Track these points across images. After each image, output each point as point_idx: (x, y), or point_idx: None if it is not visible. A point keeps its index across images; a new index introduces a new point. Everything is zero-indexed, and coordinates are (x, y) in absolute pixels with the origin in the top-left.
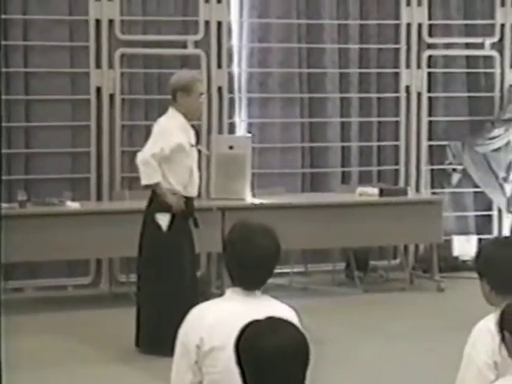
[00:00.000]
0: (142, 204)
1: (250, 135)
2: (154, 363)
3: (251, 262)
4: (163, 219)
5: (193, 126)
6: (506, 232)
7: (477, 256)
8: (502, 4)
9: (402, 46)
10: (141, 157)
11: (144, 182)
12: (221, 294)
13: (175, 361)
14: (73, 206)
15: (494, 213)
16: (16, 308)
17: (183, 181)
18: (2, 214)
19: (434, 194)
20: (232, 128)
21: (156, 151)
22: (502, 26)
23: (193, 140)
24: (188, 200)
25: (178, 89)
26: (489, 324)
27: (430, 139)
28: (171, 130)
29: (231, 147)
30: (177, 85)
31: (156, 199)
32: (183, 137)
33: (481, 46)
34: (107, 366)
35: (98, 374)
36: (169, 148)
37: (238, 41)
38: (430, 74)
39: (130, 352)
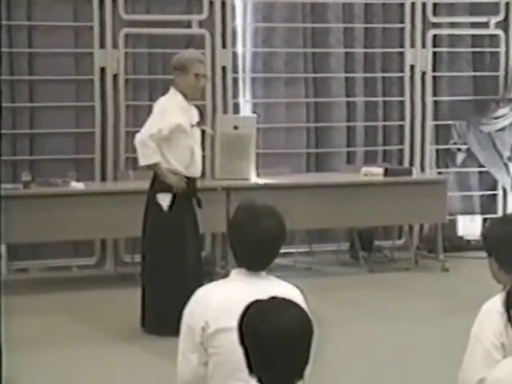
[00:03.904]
0: (147, 184)
1: (254, 115)
2: (158, 343)
3: (256, 244)
4: (164, 199)
5: (196, 106)
6: (510, 211)
7: (485, 234)
8: None
9: (407, 25)
10: (139, 137)
11: (142, 162)
12: (226, 274)
13: (181, 342)
14: (77, 186)
15: (499, 192)
16: (21, 288)
17: (184, 161)
18: (2, 195)
19: (438, 173)
20: (236, 108)
21: (154, 132)
22: (507, 4)
23: (194, 120)
24: (190, 180)
25: (175, 67)
26: (497, 304)
27: (434, 119)
28: (170, 110)
29: (236, 127)
30: (175, 63)
31: (157, 179)
32: (183, 117)
33: (486, 24)
34: (112, 346)
35: (103, 354)
36: (167, 128)
37: (243, 20)
38: (434, 53)
39: (135, 332)
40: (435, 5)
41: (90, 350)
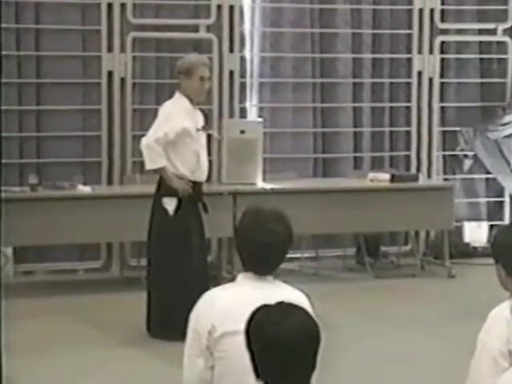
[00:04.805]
0: (153, 188)
1: (261, 120)
2: (164, 347)
3: (263, 248)
4: (170, 203)
5: (201, 110)
6: None
7: (493, 241)
8: None
9: (415, 31)
10: (144, 141)
11: (148, 166)
12: (231, 279)
13: (187, 346)
14: (84, 189)
15: (506, 199)
16: (26, 291)
17: (190, 165)
18: (6, 198)
19: (445, 180)
20: (243, 112)
21: (160, 136)
22: None
23: (200, 124)
24: (196, 184)
25: (180, 72)
26: (504, 311)
27: (441, 125)
28: (176, 114)
29: (242, 132)
30: (179, 68)
31: (163, 184)
32: (189, 121)
33: (493, 31)
34: (117, 350)
35: (109, 358)
36: (173, 133)
37: (250, 25)
38: (442, 59)
39: (140, 336)
40: (443, 11)
41: (95, 353)
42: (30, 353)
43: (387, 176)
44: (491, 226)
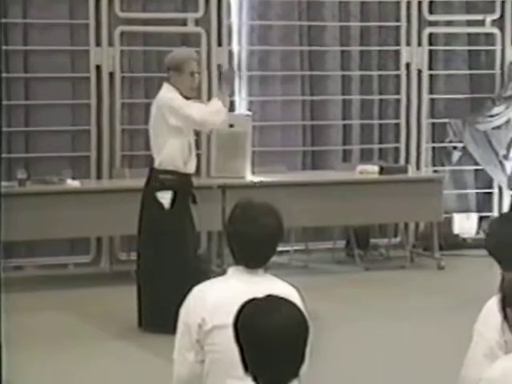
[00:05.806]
0: (142, 182)
1: (250, 113)
2: (155, 341)
3: (254, 241)
4: (165, 197)
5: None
6: (505, 210)
7: (488, 238)
8: None
9: (403, 23)
10: (198, 118)
11: (219, 121)
12: (221, 272)
13: (177, 339)
14: (73, 184)
15: (495, 190)
16: (16, 286)
17: (184, 157)
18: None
19: (434, 171)
20: (232, 106)
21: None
22: (503, 2)
23: None
24: (187, 176)
25: (170, 67)
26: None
27: (430, 117)
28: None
29: (231, 125)
30: (169, 63)
31: (156, 178)
32: None
33: (482, 23)
34: (108, 344)
35: (99, 352)
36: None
37: (238, 18)
38: (430, 51)
39: (131, 330)
40: (431, 3)
41: (86, 347)
42: (20, 348)
43: (376, 168)
44: (480, 218)
